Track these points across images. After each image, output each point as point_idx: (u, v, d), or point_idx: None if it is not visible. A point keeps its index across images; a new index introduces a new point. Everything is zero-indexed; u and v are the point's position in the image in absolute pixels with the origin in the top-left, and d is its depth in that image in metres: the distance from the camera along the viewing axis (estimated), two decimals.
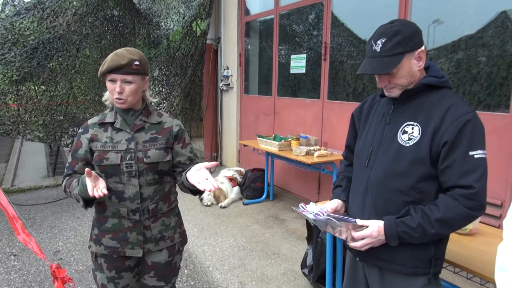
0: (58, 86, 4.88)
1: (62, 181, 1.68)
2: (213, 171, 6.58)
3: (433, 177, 1.32)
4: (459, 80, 3.20)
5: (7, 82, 4.22)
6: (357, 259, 1.51)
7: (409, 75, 1.35)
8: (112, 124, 1.65)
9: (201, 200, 4.93)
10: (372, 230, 1.34)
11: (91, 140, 1.64)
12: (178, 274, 3.16)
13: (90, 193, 1.41)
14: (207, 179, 1.43)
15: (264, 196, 5.16)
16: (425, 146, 1.30)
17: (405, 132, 1.36)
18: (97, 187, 1.43)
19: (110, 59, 1.53)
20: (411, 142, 1.33)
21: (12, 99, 4.43)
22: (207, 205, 4.88)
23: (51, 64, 4.74)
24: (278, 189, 5.55)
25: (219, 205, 4.88)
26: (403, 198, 1.35)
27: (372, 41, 1.35)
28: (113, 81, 1.55)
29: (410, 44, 1.31)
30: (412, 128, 1.35)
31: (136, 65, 1.55)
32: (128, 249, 1.67)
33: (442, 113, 1.30)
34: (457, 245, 1.78)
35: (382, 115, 1.47)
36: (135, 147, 1.61)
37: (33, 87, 4.73)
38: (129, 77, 1.55)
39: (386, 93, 1.43)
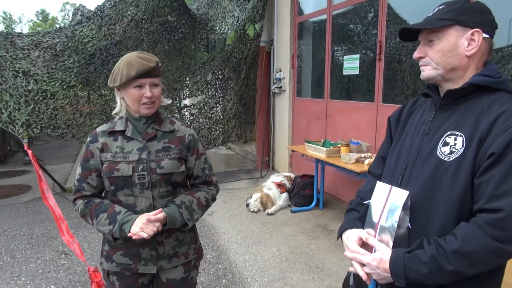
0: (113, 91, 5.06)
1: (74, 200, 1.57)
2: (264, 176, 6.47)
3: None
4: None
5: (65, 87, 4.44)
6: None
7: (450, 54, 1.10)
8: (122, 132, 1.55)
9: (247, 205, 4.83)
10: (373, 258, 1.08)
11: (102, 150, 1.54)
12: (216, 284, 3.10)
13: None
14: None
15: (313, 204, 4.92)
16: (468, 161, 1.04)
17: (446, 144, 1.10)
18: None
19: (137, 64, 1.42)
20: (453, 156, 1.07)
21: (69, 103, 4.65)
22: (253, 211, 4.76)
23: (107, 69, 4.92)
24: (329, 196, 5.27)
25: (266, 212, 4.73)
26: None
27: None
28: (140, 86, 1.46)
29: (466, 16, 1.09)
30: (455, 139, 1.08)
31: (160, 67, 1.51)
32: (141, 265, 1.57)
33: (491, 120, 1.03)
34: None
35: (421, 123, 1.22)
36: (148, 157, 1.51)
37: (89, 92, 4.94)
38: (156, 80, 1.50)
39: (421, 75, 1.20)
